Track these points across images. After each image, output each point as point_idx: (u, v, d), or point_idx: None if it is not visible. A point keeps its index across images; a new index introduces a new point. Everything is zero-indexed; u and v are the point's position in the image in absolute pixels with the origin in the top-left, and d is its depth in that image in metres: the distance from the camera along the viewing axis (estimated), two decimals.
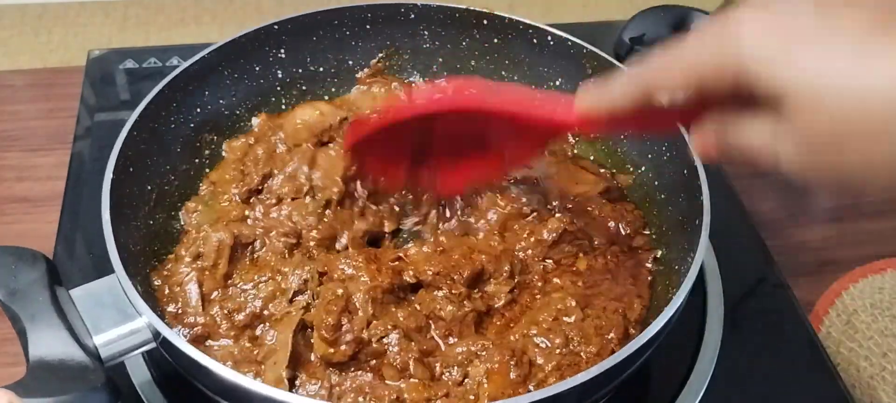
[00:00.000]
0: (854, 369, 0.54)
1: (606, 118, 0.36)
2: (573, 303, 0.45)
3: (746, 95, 0.29)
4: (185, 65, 0.52)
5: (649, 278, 0.49)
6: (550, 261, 0.48)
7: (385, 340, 0.42)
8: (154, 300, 0.44)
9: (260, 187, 0.50)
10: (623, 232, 0.51)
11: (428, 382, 0.42)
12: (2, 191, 0.62)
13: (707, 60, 0.30)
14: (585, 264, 0.49)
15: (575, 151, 0.59)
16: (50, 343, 0.35)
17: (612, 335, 0.44)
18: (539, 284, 0.47)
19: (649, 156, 0.54)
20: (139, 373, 0.46)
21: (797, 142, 0.28)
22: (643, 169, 0.55)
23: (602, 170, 0.56)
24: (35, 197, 0.62)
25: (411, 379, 0.42)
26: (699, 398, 0.47)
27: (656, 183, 0.53)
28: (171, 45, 0.73)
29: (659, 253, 0.50)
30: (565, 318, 0.45)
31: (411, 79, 0.62)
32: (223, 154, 0.55)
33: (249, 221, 0.49)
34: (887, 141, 0.26)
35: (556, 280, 0.48)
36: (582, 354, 0.44)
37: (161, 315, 0.42)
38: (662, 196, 0.53)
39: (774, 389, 0.49)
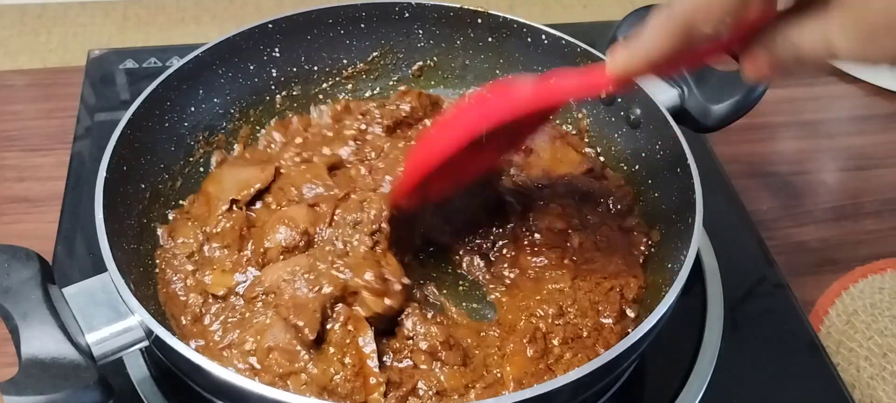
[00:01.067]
0: (854, 369, 0.54)
1: (646, 69, 0.35)
2: (562, 272, 0.46)
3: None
4: (179, 64, 0.52)
5: (641, 259, 0.50)
6: (539, 236, 0.49)
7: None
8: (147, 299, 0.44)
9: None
10: (613, 211, 0.52)
11: (461, 367, 0.42)
12: (2, 190, 0.62)
13: None
14: (578, 241, 0.49)
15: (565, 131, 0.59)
16: (42, 341, 0.35)
17: (607, 311, 0.45)
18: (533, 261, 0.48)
19: (642, 155, 0.54)
20: (138, 371, 0.46)
21: (852, 30, 0.29)
22: (636, 167, 0.55)
23: (586, 149, 0.57)
24: (35, 197, 0.62)
25: (445, 367, 0.42)
26: (699, 398, 0.47)
27: (650, 181, 0.53)
28: (171, 45, 0.73)
29: (655, 237, 0.50)
30: (554, 286, 0.45)
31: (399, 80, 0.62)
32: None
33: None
34: None
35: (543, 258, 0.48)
36: (582, 328, 0.45)
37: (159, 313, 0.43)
38: (656, 194, 0.52)
39: (774, 389, 0.49)
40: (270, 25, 0.57)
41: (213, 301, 0.45)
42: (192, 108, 0.54)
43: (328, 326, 0.43)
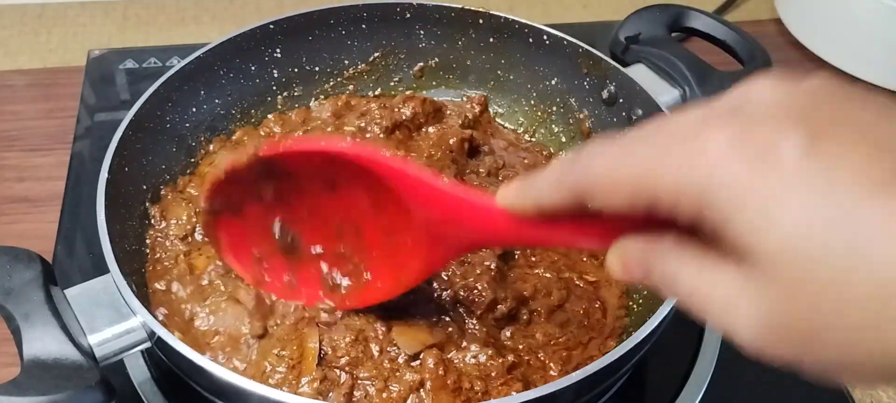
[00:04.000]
0: None
1: (534, 218, 0.29)
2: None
3: (708, 232, 0.23)
4: (181, 64, 0.52)
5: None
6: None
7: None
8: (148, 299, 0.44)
9: None
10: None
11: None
12: (2, 190, 0.62)
13: (664, 179, 0.23)
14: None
15: (550, 151, 0.59)
16: (44, 342, 0.35)
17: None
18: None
19: None
20: (139, 372, 0.46)
21: (764, 312, 0.22)
22: None
23: None
24: (35, 197, 0.62)
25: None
26: (699, 398, 0.47)
27: None
28: (171, 45, 0.73)
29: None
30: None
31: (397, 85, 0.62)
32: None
33: None
34: (875, 336, 0.20)
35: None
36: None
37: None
38: None
39: (774, 389, 0.49)
40: (272, 26, 0.57)
41: (190, 278, 0.45)
42: (194, 109, 0.54)
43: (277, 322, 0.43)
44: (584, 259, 0.50)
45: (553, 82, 0.60)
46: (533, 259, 0.49)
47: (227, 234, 0.43)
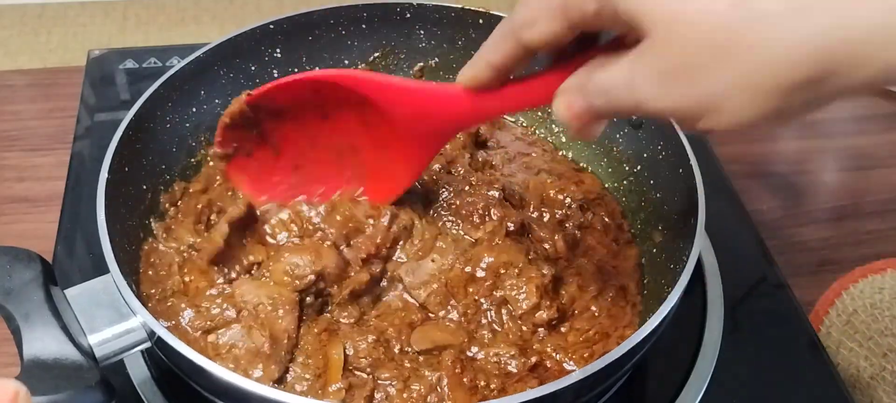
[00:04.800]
0: (854, 369, 0.54)
1: (490, 85, 0.35)
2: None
3: (613, 33, 0.29)
4: (181, 64, 0.52)
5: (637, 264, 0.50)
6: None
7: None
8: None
9: None
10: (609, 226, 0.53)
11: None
12: (2, 190, 0.62)
13: None
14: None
15: (570, 154, 0.59)
16: (44, 342, 0.35)
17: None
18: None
19: (644, 155, 0.54)
20: (139, 372, 0.46)
21: (651, 71, 0.27)
22: (639, 168, 0.55)
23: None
24: (35, 197, 0.62)
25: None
26: (699, 398, 0.47)
27: (651, 182, 0.53)
28: (171, 45, 0.73)
29: (657, 238, 0.50)
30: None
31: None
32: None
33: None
34: (733, 65, 0.26)
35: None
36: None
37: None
38: (658, 195, 0.52)
39: (774, 389, 0.49)
40: (272, 26, 0.57)
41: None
42: (194, 109, 0.54)
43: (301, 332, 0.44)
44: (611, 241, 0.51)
45: None
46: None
47: (246, 173, 0.48)
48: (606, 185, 0.57)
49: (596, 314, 0.47)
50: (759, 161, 0.71)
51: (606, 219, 0.53)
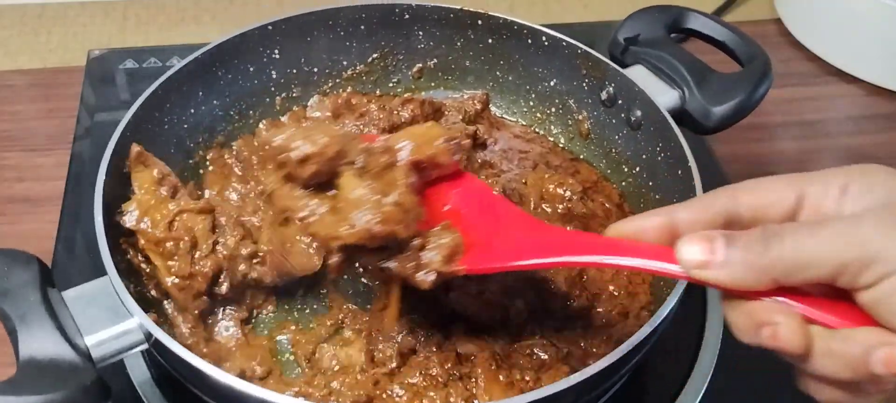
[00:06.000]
0: None
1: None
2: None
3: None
4: (179, 65, 0.52)
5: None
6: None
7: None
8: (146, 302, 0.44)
9: None
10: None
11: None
12: (2, 190, 0.62)
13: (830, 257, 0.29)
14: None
15: (566, 147, 0.59)
16: (40, 342, 0.35)
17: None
18: None
19: (643, 156, 0.54)
20: (139, 373, 0.46)
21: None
22: (638, 169, 0.55)
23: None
24: (35, 197, 0.62)
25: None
26: (699, 398, 0.47)
27: (650, 183, 0.53)
28: (171, 45, 0.73)
29: None
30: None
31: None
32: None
33: None
34: None
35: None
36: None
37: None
38: (657, 196, 0.52)
39: (775, 389, 0.49)
40: (270, 27, 0.57)
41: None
42: (192, 110, 0.54)
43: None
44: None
45: (552, 83, 0.60)
46: None
47: None
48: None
49: (615, 294, 0.47)
50: (759, 161, 0.70)
51: (606, 205, 0.54)
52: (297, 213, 0.39)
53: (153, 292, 0.45)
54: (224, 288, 0.44)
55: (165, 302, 0.45)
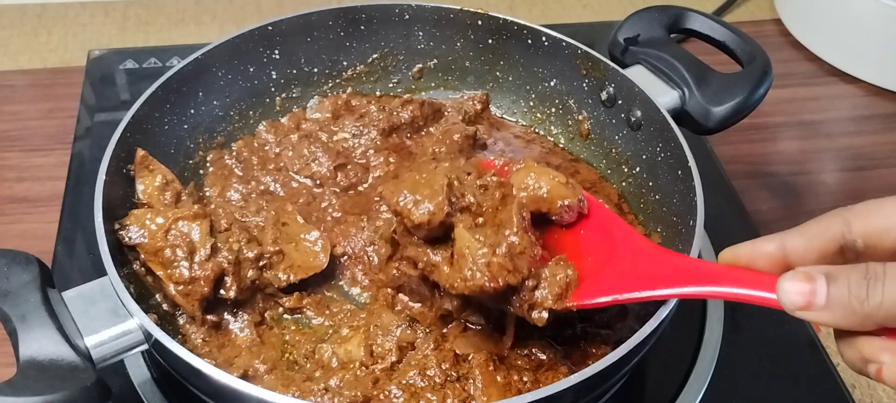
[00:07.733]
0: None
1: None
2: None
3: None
4: (179, 66, 0.52)
5: None
6: None
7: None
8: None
9: None
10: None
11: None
12: (2, 190, 0.62)
13: None
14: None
15: (566, 148, 0.59)
16: (40, 343, 0.35)
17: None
18: None
19: (643, 156, 0.54)
20: (139, 373, 0.46)
21: None
22: (638, 169, 0.55)
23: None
24: (35, 197, 0.62)
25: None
26: (699, 398, 0.47)
27: (650, 183, 0.53)
28: (171, 46, 0.73)
29: (655, 240, 0.50)
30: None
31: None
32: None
33: None
34: None
35: None
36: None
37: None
38: (657, 196, 0.52)
39: (774, 389, 0.49)
40: (270, 27, 0.57)
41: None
42: (192, 111, 0.54)
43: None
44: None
45: (552, 83, 0.60)
46: None
47: None
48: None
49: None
50: (759, 161, 0.70)
51: (606, 205, 0.54)
52: (419, 263, 0.42)
53: (165, 306, 0.45)
54: (232, 292, 0.44)
55: (177, 313, 0.45)
